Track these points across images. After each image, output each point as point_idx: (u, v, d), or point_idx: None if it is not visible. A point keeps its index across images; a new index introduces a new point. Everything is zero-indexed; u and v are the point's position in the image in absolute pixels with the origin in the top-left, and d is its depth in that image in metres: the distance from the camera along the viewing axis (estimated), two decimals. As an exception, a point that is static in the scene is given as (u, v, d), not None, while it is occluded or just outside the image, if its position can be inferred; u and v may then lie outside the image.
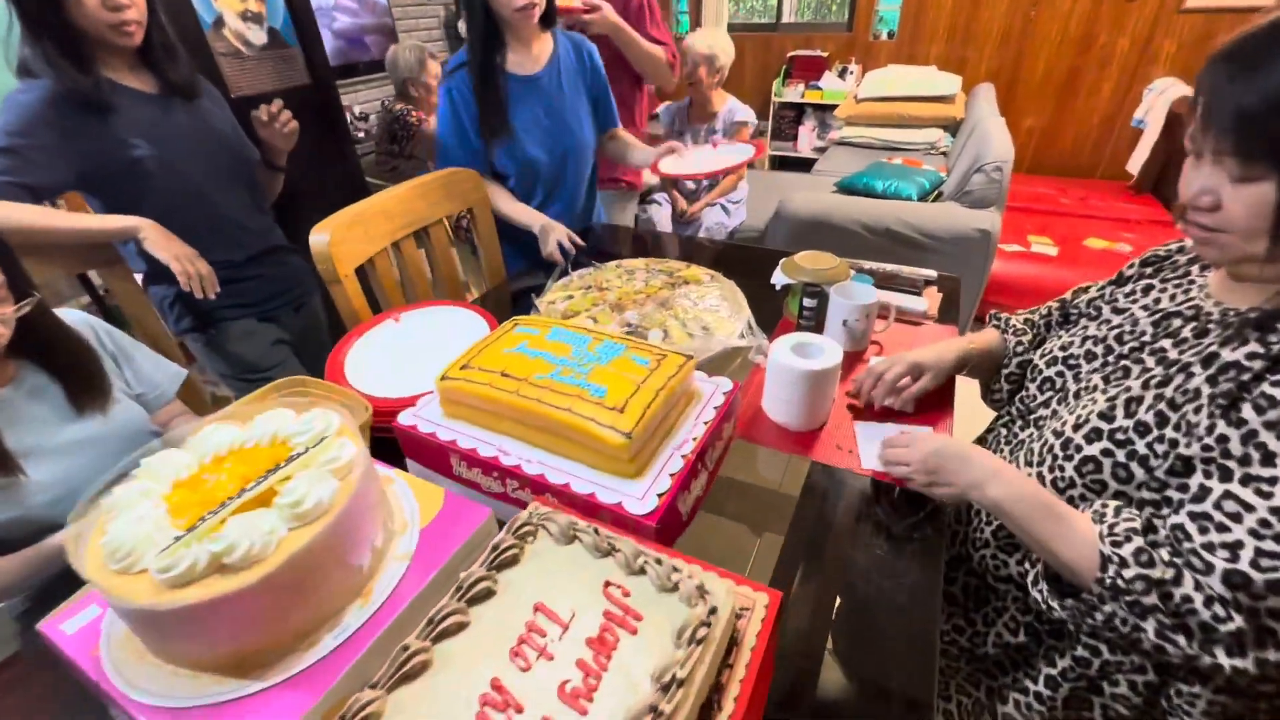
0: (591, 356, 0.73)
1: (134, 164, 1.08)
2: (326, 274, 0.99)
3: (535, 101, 1.37)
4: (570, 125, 1.44)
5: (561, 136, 1.42)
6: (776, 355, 0.83)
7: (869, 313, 1.00)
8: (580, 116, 1.46)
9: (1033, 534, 0.64)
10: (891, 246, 2.23)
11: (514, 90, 1.33)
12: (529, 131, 1.38)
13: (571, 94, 1.43)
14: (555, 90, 1.40)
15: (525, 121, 1.37)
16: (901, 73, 3.53)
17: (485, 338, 0.80)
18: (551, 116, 1.40)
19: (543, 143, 1.40)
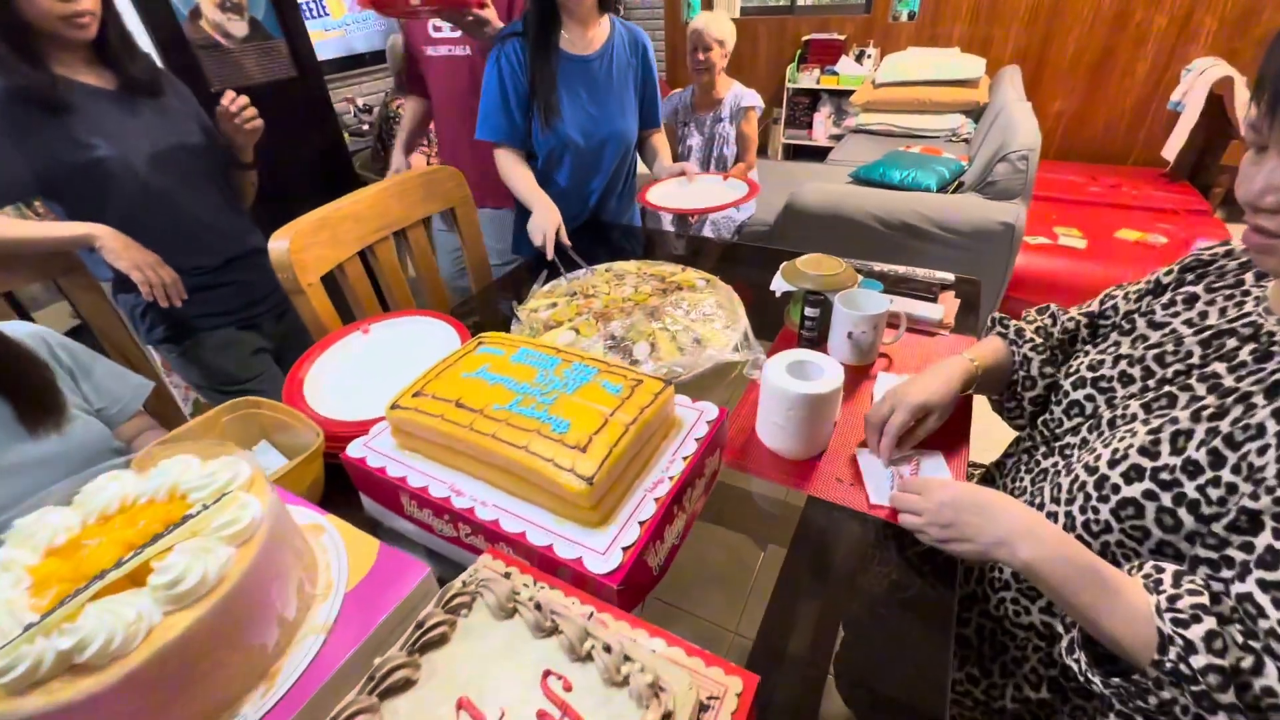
0: (557, 383, 0.65)
1: (94, 165, 1.02)
2: (287, 283, 0.92)
3: (582, 84, 1.34)
4: (613, 114, 1.40)
5: (602, 123, 1.38)
6: (770, 375, 0.75)
7: (877, 324, 0.90)
8: (625, 107, 1.42)
9: (1072, 602, 0.55)
10: (907, 241, 2.12)
11: (563, 69, 1.30)
12: (571, 113, 1.34)
13: (619, 83, 1.39)
14: (604, 76, 1.36)
15: (569, 102, 1.33)
16: (922, 55, 3.37)
17: (444, 359, 0.72)
18: (596, 102, 1.37)
19: (582, 126, 1.36)
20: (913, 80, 3.28)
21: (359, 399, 0.83)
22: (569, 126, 1.34)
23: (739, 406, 0.87)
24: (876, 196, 2.20)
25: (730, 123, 2.32)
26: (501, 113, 1.31)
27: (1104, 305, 0.80)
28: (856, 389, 0.90)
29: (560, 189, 1.45)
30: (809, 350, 0.79)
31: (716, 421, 0.69)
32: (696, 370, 0.89)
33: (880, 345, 0.95)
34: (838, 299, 0.92)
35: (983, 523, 0.60)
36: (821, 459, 0.78)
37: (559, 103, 1.31)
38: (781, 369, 0.76)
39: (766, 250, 1.40)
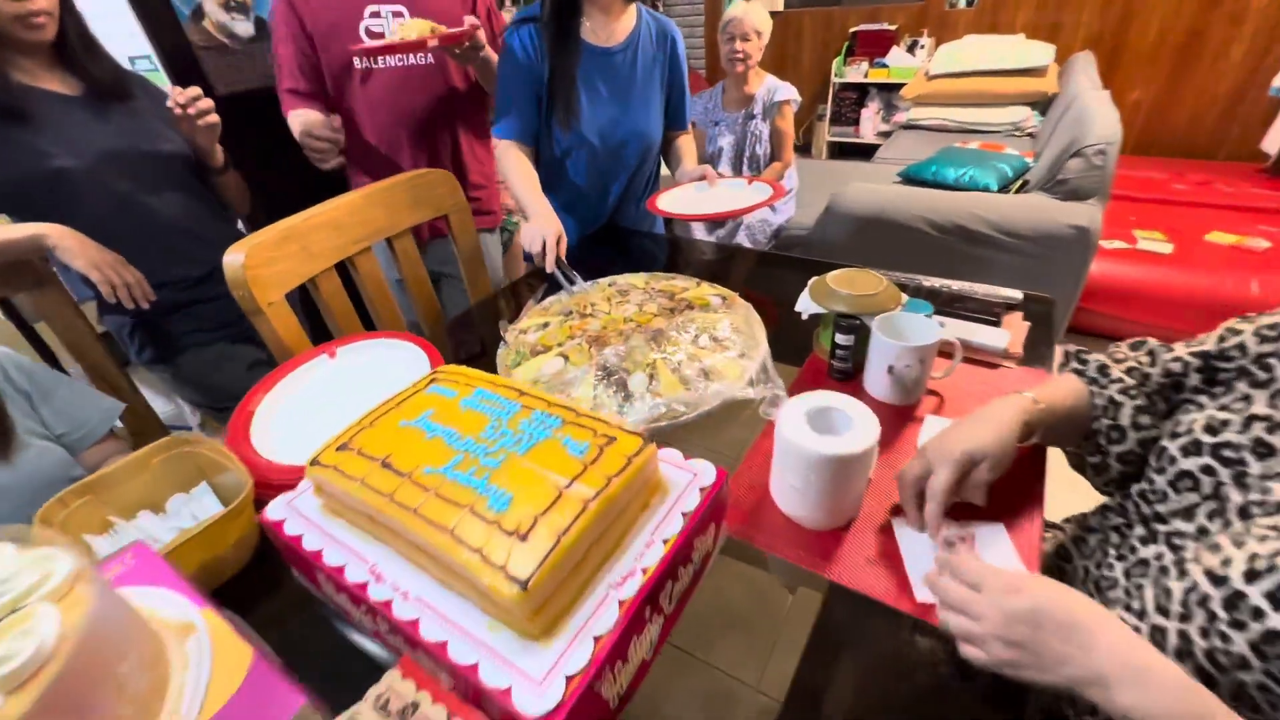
0: (509, 438, 0.52)
1: (55, 176, 0.95)
2: (244, 303, 0.83)
3: (603, 78, 1.21)
4: (636, 112, 1.27)
5: (623, 122, 1.26)
6: (786, 428, 0.60)
7: (924, 356, 0.74)
8: (649, 106, 1.28)
9: None
10: (963, 246, 1.91)
11: (584, 61, 1.18)
12: (590, 110, 1.21)
13: (644, 79, 1.25)
14: (628, 71, 1.23)
15: (588, 98, 1.21)
16: (982, 44, 3.11)
17: (387, 400, 0.60)
18: (618, 99, 1.24)
19: (601, 126, 1.24)
20: (971, 70, 3.02)
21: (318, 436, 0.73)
22: (586, 125, 1.21)
23: (752, 455, 0.72)
24: (928, 197, 2.00)
25: (763, 119, 2.15)
26: (517, 107, 1.19)
27: (1224, 343, 0.61)
28: (897, 435, 0.73)
29: (574, 191, 1.33)
30: (837, 393, 0.64)
31: (713, 487, 0.55)
32: (701, 409, 0.75)
33: (928, 380, 0.78)
34: (876, 324, 0.76)
35: (1071, 651, 0.44)
36: (849, 530, 0.62)
37: (578, 99, 1.18)
38: (800, 419, 0.60)
39: (802, 261, 1.24)
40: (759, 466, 0.70)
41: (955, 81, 3.05)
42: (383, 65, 1.21)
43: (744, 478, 0.69)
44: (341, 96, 1.24)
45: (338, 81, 1.22)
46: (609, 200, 1.39)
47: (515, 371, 0.84)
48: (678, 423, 0.74)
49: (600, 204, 1.39)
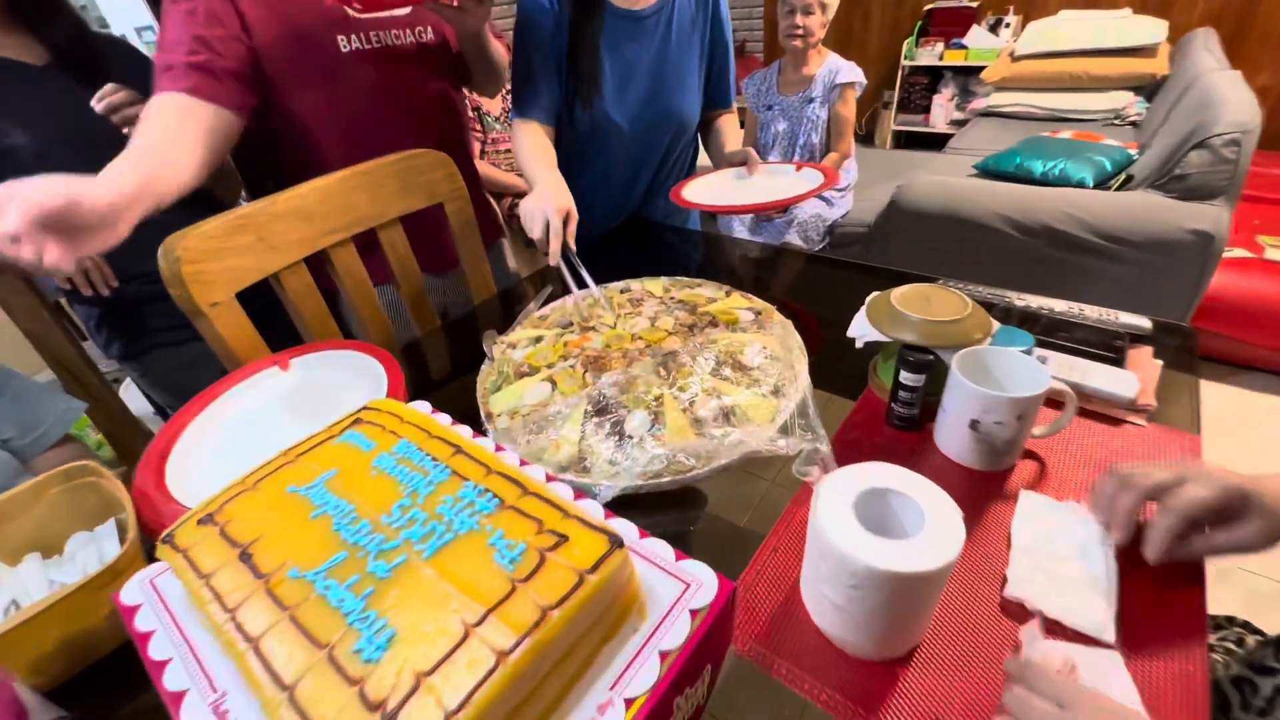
0: (420, 525, 0.37)
1: (3, 155, 0.85)
2: (182, 303, 0.70)
3: (631, 48, 1.03)
4: (670, 89, 1.08)
5: (655, 101, 1.08)
6: (826, 517, 0.42)
7: (1024, 411, 0.54)
8: (685, 81, 1.10)
9: None
10: (1051, 251, 1.65)
11: (609, 28, 1.00)
12: (615, 87, 1.04)
13: (680, 49, 1.07)
14: (661, 39, 1.04)
15: (613, 72, 1.03)
16: (1079, 20, 2.75)
17: (292, 448, 0.46)
18: (648, 71, 1.05)
19: (628, 105, 1.06)
20: (1065, 50, 2.68)
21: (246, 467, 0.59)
22: (611, 104, 1.04)
23: (779, 531, 0.55)
24: (1011, 193, 1.74)
25: (822, 104, 1.92)
26: (537, 83, 1.03)
27: None
28: (978, 514, 0.54)
29: (596, 180, 1.16)
30: (902, 470, 0.45)
31: (712, 609, 0.38)
32: (715, 463, 0.58)
33: (1027, 439, 0.58)
34: (957, 362, 0.57)
35: None
36: (910, 664, 0.44)
37: (601, 73, 1.01)
38: (845, 506, 0.42)
39: (859, 267, 1.04)
40: (788, 551, 0.53)
41: (1045, 63, 2.71)
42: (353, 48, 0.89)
43: (766, 567, 0.52)
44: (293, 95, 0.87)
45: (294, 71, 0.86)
46: (635, 190, 1.22)
47: (494, 398, 0.69)
48: (682, 480, 0.57)
49: (625, 195, 1.22)
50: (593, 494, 0.57)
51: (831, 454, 0.58)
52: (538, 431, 0.63)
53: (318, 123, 0.90)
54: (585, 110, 1.05)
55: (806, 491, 0.58)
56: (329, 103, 0.90)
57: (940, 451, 0.61)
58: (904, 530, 0.43)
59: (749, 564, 0.52)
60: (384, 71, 0.92)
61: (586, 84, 1.02)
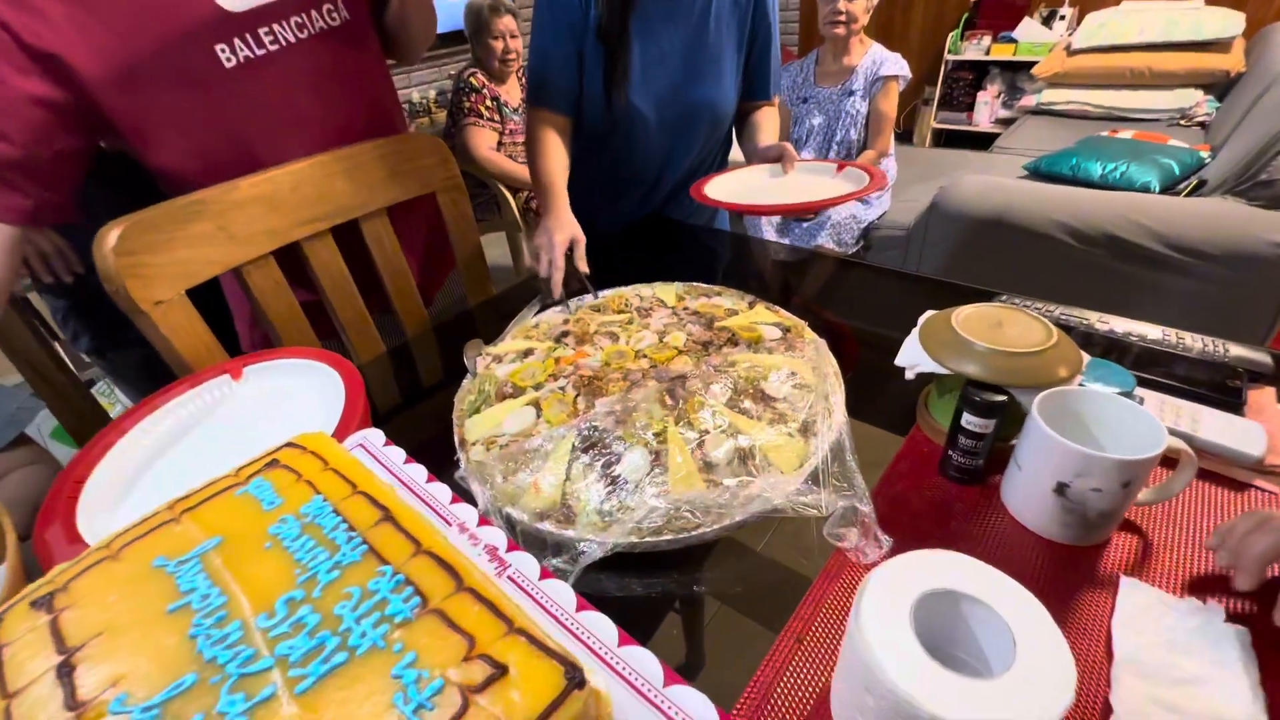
0: (306, 635, 0.26)
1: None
2: (118, 300, 0.61)
3: (665, 30, 0.91)
4: (703, 76, 0.96)
5: (687, 89, 0.96)
6: (873, 630, 0.31)
7: (1131, 476, 0.42)
8: (721, 67, 0.98)
9: None
10: (1114, 263, 1.49)
11: (640, 7, 0.89)
12: (644, 70, 0.93)
13: (719, 32, 0.95)
14: (699, 19, 0.92)
15: (642, 56, 0.92)
16: (1144, 11, 2.55)
17: (176, 501, 0.36)
18: (681, 57, 0.94)
19: (659, 92, 0.95)
20: (1127, 45, 2.48)
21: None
22: (639, 92, 0.93)
23: (803, 614, 0.43)
24: (1067, 196, 1.58)
25: (863, 97, 1.78)
26: (553, 66, 0.93)
27: None
28: (1065, 611, 0.42)
29: (618, 175, 1.05)
30: (977, 562, 0.34)
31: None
32: (727, 520, 0.47)
33: (1130, 506, 0.46)
34: (1039, 407, 0.44)
35: None
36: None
37: (630, 56, 0.90)
38: (900, 617, 0.31)
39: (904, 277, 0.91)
40: (817, 644, 0.41)
41: (1105, 57, 2.52)
42: (245, 56, 0.69)
43: (786, 664, 0.40)
44: (159, 127, 0.67)
45: (162, 105, 0.66)
46: (662, 187, 1.10)
47: (470, 422, 0.59)
48: (685, 540, 0.46)
49: (650, 192, 1.10)
50: (576, 551, 0.46)
51: (873, 514, 0.47)
52: (516, 468, 0.52)
53: (208, 161, 0.71)
54: (611, 97, 0.94)
55: (840, 560, 0.47)
56: (219, 135, 0.70)
57: (1009, 513, 0.49)
58: (981, 656, 0.32)
59: (765, 657, 0.41)
60: (290, 77, 0.73)
61: (613, 68, 0.91)
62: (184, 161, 0.70)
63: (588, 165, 1.04)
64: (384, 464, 0.45)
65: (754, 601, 0.46)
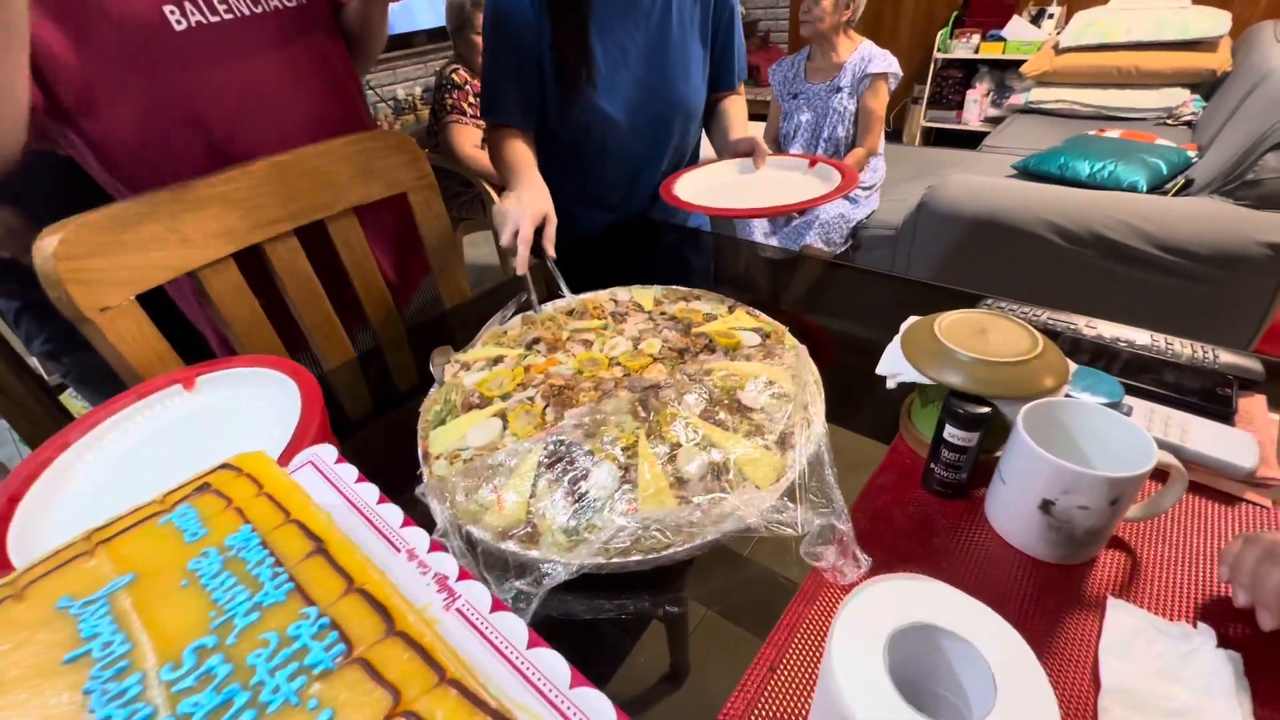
0: (209, 693, 0.24)
1: None
2: (61, 306, 0.58)
3: (625, 29, 0.89)
4: (671, 74, 0.94)
5: (657, 89, 0.94)
6: (844, 672, 0.28)
7: (1119, 493, 0.40)
8: (689, 64, 0.96)
9: None
10: (1102, 263, 1.48)
11: (598, 9, 0.86)
12: (606, 73, 0.90)
13: (681, 26, 0.92)
14: (660, 16, 0.90)
15: (605, 60, 0.89)
16: (1133, 11, 2.55)
17: (92, 532, 0.33)
18: (646, 56, 0.92)
19: (623, 94, 0.93)
20: (1115, 44, 2.48)
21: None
22: (607, 97, 0.91)
23: (779, 638, 0.41)
24: (1056, 196, 1.57)
25: (850, 94, 1.77)
26: (509, 80, 0.89)
27: None
28: (1050, 633, 0.40)
29: (595, 183, 1.03)
30: (953, 590, 0.31)
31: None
32: (699, 539, 0.44)
33: (1118, 524, 0.44)
34: (1024, 420, 0.42)
35: None
36: None
37: (594, 62, 0.88)
38: (873, 654, 0.29)
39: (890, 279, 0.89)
40: (791, 672, 0.39)
41: (1093, 56, 2.52)
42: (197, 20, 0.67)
43: (758, 695, 0.38)
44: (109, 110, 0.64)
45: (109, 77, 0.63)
46: (638, 193, 1.07)
47: (435, 434, 0.56)
48: (655, 560, 0.44)
49: (629, 197, 1.08)
50: (540, 573, 0.44)
51: (852, 532, 0.45)
52: (479, 484, 0.49)
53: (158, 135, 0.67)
54: (575, 105, 0.91)
55: (817, 581, 0.44)
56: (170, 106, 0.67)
57: (993, 529, 0.47)
58: (962, 693, 0.30)
59: (736, 687, 0.39)
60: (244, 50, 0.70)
61: (573, 73, 0.88)
62: (133, 136, 0.66)
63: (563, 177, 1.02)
64: (333, 484, 0.42)
65: (730, 623, 0.44)
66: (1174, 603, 0.41)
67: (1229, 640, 0.38)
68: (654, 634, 0.45)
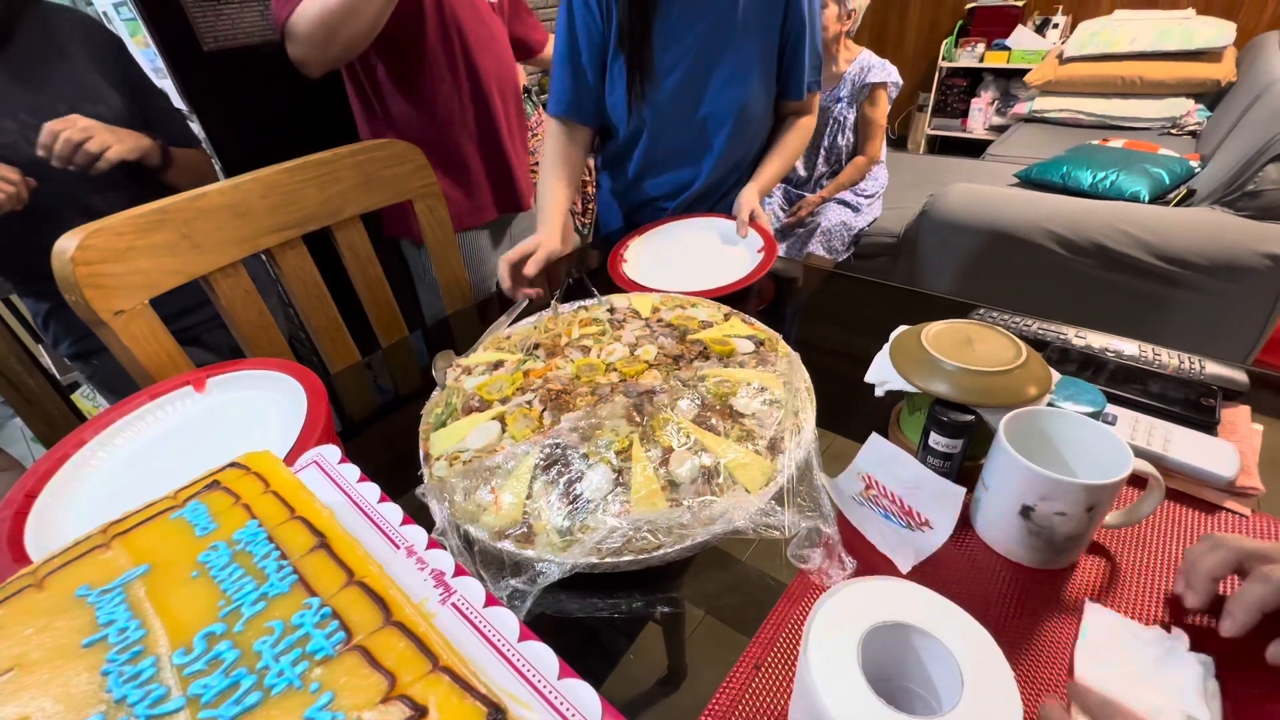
0: (218, 676, 0.25)
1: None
2: (78, 310, 0.60)
3: (688, 32, 0.88)
4: (729, 76, 0.92)
5: (712, 91, 0.92)
6: (819, 670, 0.30)
7: (1095, 500, 0.41)
8: (746, 64, 0.92)
9: None
10: (1104, 273, 1.49)
11: (664, 7, 0.87)
12: (666, 76, 0.91)
13: (746, 28, 0.89)
14: (723, 18, 0.88)
15: (662, 57, 0.90)
16: (1136, 21, 2.56)
17: (109, 525, 0.35)
18: (704, 56, 0.90)
19: (680, 96, 0.93)
20: (1119, 54, 2.49)
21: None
22: (664, 97, 0.92)
23: (765, 637, 0.42)
24: (1057, 205, 1.58)
25: (850, 104, 1.78)
26: (570, 72, 0.92)
27: None
28: (1028, 634, 0.41)
29: (647, 180, 1.04)
30: (927, 590, 0.33)
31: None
32: (689, 540, 0.46)
33: (1097, 530, 0.45)
34: (1005, 427, 0.44)
35: None
36: None
37: (652, 59, 0.89)
38: (847, 653, 0.30)
39: (884, 288, 0.90)
40: (776, 670, 0.40)
41: (1096, 66, 2.53)
42: None
43: (743, 692, 0.39)
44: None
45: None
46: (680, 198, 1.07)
47: (435, 436, 0.58)
48: (646, 561, 0.45)
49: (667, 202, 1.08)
50: (535, 571, 0.45)
51: (838, 536, 0.46)
52: (477, 485, 0.51)
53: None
54: (633, 105, 0.93)
55: (804, 582, 0.46)
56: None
57: (976, 535, 0.48)
58: (931, 688, 0.31)
59: (721, 683, 0.40)
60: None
61: (636, 76, 0.90)
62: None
63: (615, 174, 1.03)
64: (337, 482, 0.44)
65: (721, 621, 0.46)
66: (1151, 608, 0.42)
67: (1201, 644, 0.39)
68: (649, 635, 0.46)
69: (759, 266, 0.84)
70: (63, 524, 0.50)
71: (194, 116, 1.31)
